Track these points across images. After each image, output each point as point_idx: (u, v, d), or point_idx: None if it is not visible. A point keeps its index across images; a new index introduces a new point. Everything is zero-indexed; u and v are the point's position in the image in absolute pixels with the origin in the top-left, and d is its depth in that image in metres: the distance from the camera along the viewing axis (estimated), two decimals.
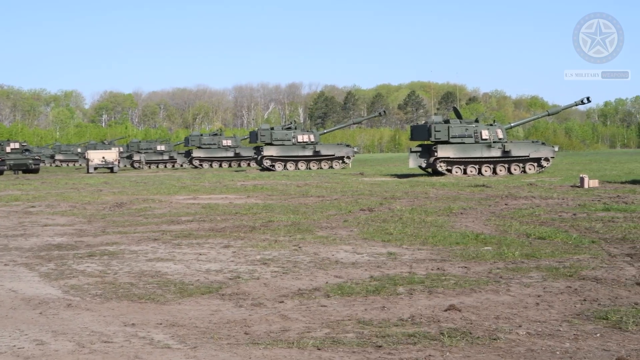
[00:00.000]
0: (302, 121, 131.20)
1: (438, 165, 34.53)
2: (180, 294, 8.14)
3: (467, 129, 35.35)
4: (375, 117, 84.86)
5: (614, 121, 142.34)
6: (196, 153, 59.86)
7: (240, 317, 7.04)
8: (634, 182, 26.44)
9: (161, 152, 66.25)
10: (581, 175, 24.97)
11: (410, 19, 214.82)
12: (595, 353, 5.60)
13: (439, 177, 33.25)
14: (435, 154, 34.46)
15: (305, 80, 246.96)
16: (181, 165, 64.31)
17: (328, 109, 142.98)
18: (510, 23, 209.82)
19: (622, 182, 26.24)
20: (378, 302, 7.48)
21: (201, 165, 59.07)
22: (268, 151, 47.93)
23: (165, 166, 65.26)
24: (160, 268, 9.89)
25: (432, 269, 9.30)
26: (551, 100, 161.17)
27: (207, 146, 60.21)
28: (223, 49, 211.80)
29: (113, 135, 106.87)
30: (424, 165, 35.74)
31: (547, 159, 35.81)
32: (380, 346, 5.90)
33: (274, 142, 48.42)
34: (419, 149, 35.91)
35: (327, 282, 8.59)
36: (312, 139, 49.12)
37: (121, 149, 68.75)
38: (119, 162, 53.51)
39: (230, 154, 60.35)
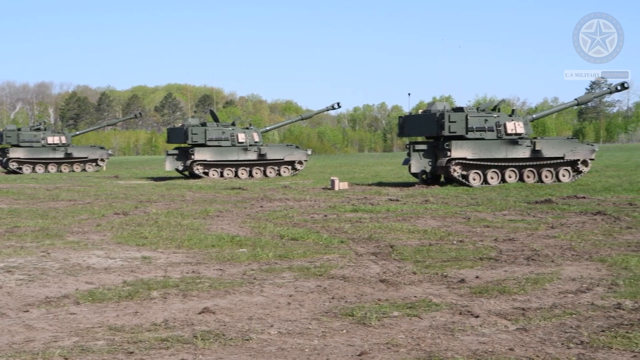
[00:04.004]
0: (52, 122, 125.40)
1: (195, 168, 34.51)
2: None
3: (223, 132, 35.65)
4: (130, 119, 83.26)
5: (362, 126, 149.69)
6: None
7: None
8: (379, 184, 28.05)
9: None
10: (332, 178, 26.04)
11: (166, 19, 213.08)
12: (341, 349, 5.84)
13: (196, 180, 33.22)
14: (192, 156, 34.42)
15: (55, 79, 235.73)
16: None
17: (81, 110, 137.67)
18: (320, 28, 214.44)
19: (369, 184, 27.72)
20: (131, 308, 7.31)
21: None
22: (14, 153, 45.36)
23: None
24: None
25: (187, 272, 9.26)
26: (305, 105, 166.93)
27: None
28: None
29: None
30: (181, 168, 35.54)
31: (300, 162, 37.05)
32: (131, 352, 5.76)
33: (22, 144, 45.87)
34: (176, 151, 35.69)
35: (77, 289, 8.27)
36: (64, 141, 47.09)
37: None
38: None
39: None
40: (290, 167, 36.76)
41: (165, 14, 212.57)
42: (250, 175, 35.58)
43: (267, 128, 45.91)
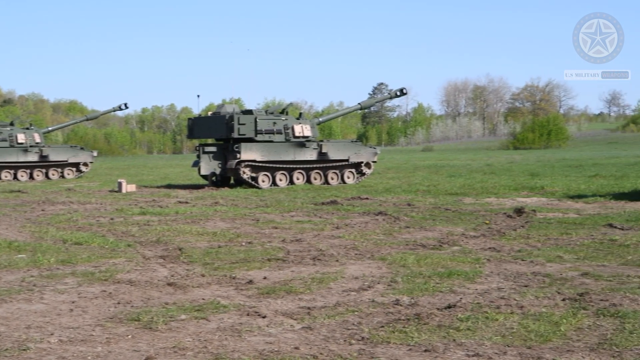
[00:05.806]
0: None
1: None
2: None
3: (0, 133, 33.85)
4: None
5: (151, 127, 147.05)
6: None
7: None
8: (168, 186, 27.72)
9: None
10: (119, 180, 25.42)
11: None
12: (126, 354, 5.69)
13: None
14: None
15: None
16: None
17: None
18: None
19: (157, 187, 27.32)
20: None
21: None
22: None
23: None
24: None
25: None
26: (90, 105, 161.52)
27: None
28: None
29: None
30: None
31: (85, 164, 35.95)
32: None
33: None
34: None
35: None
36: None
37: None
38: None
39: None
40: (74, 169, 35.55)
41: None
42: (31, 177, 34.03)
43: (50, 128, 44.21)
